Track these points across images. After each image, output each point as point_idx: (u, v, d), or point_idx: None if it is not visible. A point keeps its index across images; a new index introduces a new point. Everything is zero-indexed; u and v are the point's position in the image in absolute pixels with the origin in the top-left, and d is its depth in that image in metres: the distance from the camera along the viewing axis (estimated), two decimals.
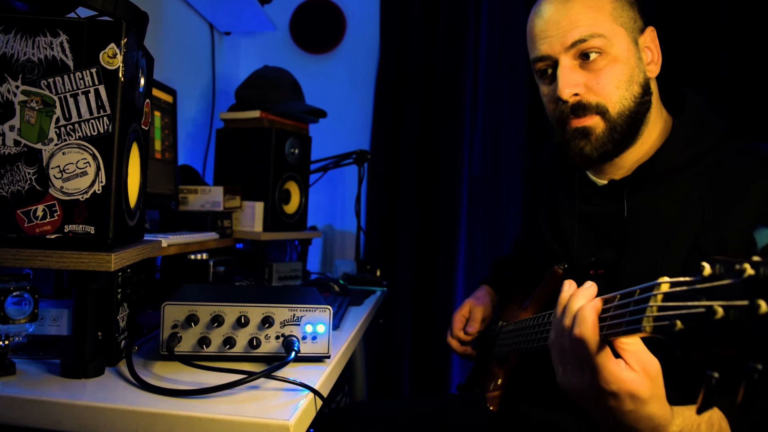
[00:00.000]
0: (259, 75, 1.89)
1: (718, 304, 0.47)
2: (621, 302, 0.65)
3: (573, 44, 0.94)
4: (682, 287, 0.53)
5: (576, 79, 0.95)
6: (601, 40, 0.93)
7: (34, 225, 0.76)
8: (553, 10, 0.96)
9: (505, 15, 2.27)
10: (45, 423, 0.71)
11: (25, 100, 0.76)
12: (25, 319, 0.80)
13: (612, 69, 0.94)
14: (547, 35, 0.96)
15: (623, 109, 0.94)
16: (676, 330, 0.51)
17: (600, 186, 1.03)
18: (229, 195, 1.62)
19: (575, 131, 0.97)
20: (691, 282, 0.52)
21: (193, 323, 0.87)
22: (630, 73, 0.94)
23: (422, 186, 2.35)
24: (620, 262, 0.95)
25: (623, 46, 0.94)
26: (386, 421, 1.26)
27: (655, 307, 0.57)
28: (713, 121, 0.96)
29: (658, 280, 0.58)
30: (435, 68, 2.34)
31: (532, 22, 1.00)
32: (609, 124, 0.95)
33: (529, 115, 2.24)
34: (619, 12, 0.95)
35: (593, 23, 0.93)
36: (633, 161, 0.99)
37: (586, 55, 0.94)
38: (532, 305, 1.10)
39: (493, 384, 1.16)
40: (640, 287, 0.62)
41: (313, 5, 2.51)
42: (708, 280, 0.49)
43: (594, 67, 0.94)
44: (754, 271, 0.44)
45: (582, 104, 0.95)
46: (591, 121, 0.95)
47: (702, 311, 0.48)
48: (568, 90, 0.94)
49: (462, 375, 2.29)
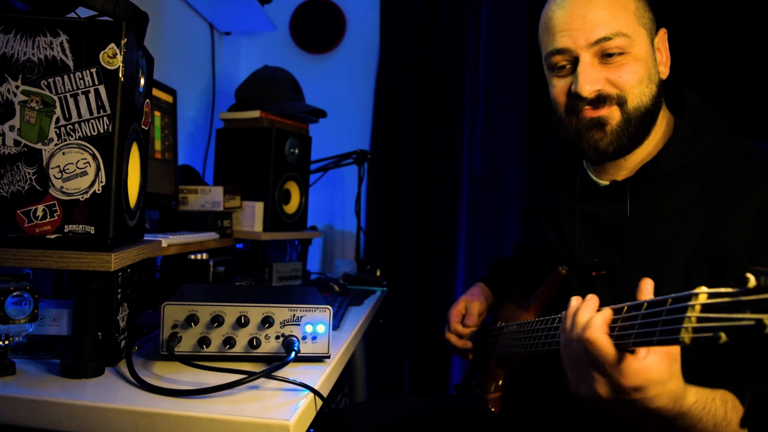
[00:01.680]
0: (259, 75, 1.89)
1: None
2: (651, 310, 0.64)
3: (597, 41, 0.92)
4: (723, 298, 0.53)
5: (597, 76, 0.93)
6: (625, 39, 0.92)
7: (34, 225, 0.76)
8: (578, 3, 0.94)
9: (504, 15, 2.27)
10: (45, 423, 0.71)
11: (25, 100, 0.76)
12: (25, 319, 0.80)
13: (633, 67, 0.93)
14: (570, 28, 0.93)
15: (641, 104, 0.93)
16: (721, 343, 0.50)
17: (602, 187, 1.02)
18: (229, 195, 1.62)
19: (590, 121, 0.95)
20: (735, 293, 0.51)
21: (193, 323, 0.87)
22: (648, 73, 0.94)
23: (422, 186, 2.35)
24: (622, 263, 0.95)
25: (644, 47, 0.94)
26: (386, 421, 1.26)
27: (694, 318, 0.56)
28: (714, 121, 0.96)
29: (695, 291, 0.57)
30: (435, 68, 2.34)
31: (552, 12, 0.97)
32: (625, 116, 0.93)
33: (529, 114, 2.24)
34: (642, 12, 0.94)
35: (619, 22, 0.92)
36: (636, 162, 0.98)
37: (607, 54, 0.92)
38: (535, 306, 1.10)
39: (493, 385, 1.16)
40: (672, 296, 0.61)
41: (313, 5, 2.51)
42: (753, 291, 0.48)
43: (616, 64, 0.93)
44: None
45: (602, 96, 0.93)
46: (607, 111, 0.94)
47: (751, 324, 0.47)
48: (590, 87, 0.93)
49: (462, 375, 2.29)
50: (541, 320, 0.99)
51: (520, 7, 2.24)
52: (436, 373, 2.32)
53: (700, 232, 0.88)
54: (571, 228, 1.05)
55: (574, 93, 0.94)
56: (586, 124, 0.95)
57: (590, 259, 0.99)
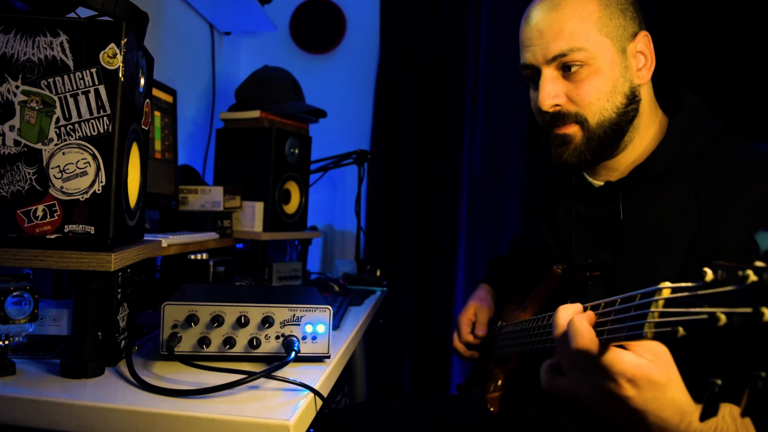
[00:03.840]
0: (259, 75, 1.89)
1: (720, 310, 0.46)
2: (622, 306, 0.64)
3: (554, 58, 0.94)
4: (683, 293, 0.53)
5: (557, 90, 0.95)
6: (582, 53, 0.92)
7: (34, 225, 0.76)
8: (539, 17, 0.96)
9: (505, 15, 2.27)
10: (45, 423, 0.71)
11: (25, 100, 0.76)
12: (25, 319, 0.80)
13: (594, 80, 0.93)
14: (532, 44, 0.96)
15: (603, 120, 0.94)
16: (679, 336, 0.51)
17: (596, 188, 1.03)
18: (229, 195, 1.62)
19: (555, 138, 0.98)
20: (693, 288, 0.51)
21: (193, 323, 0.87)
22: (613, 84, 0.94)
23: (422, 186, 2.35)
24: (617, 263, 0.95)
25: (607, 58, 0.93)
26: (386, 421, 1.26)
27: (656, 313, 0.57)
28: (708, 120, 0.96)
29: (659, 285, 0.58)
30: (435, 68, 2.34)
31: (521, 27, 1.00)
32: (587, 133, 0.95)
33: (529, 115, 2.24)
34: (606, 21, 0.93)
35: (576, 35, 0.92)
36: (628, 163, 0.99)
37: (567, 67, 0.94)
38: (532, 306, 1.10)
39: (493, 385, 1.16)
40: (640, 292, 0.61)
41: (313, 5, 2.51)
42: (710, 285, 0.49)
43: (576, 78, 0.94)
44: (757, 278, 0.44)
45: (561, 114, 0.96)
46: (570, 130, 0.96)
47: (705, 318, 0.48)
48: (548, 101, 0.95)
49: (462, 375, 2.29)
50: (535, 318, 1.00)
51: (520, 7, 2.23)
52: (436, 373, 2.32)
53: (693, 232, 0.88)
54: (566, 228, 1.06)
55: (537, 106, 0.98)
56: (552, 140, 0.99)
57: (585, 260, 1.00)
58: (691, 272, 0.87)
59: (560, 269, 1.04)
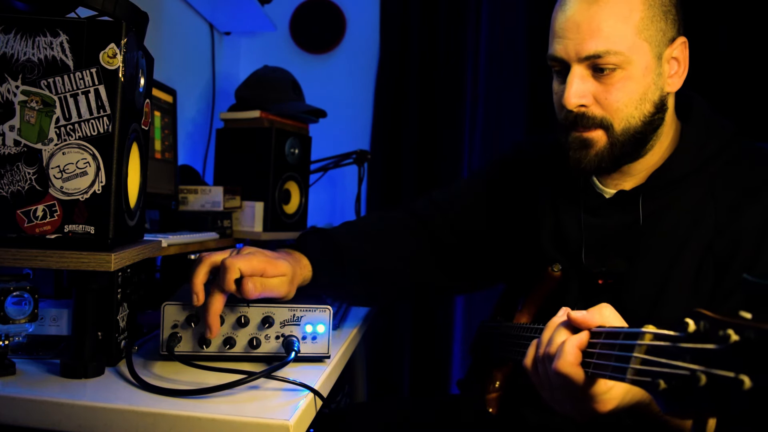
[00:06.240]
0: (259, 75, 1.89)
1: (702, 370, 0.43)
2: (607, 341, 0.62)
3: (587, 57, 0.89)
4: (665, 341, 0.51)
5: (585, 90, 0.90)
6: (618, 57, 0.87)
7: (34, 225, 0.76)
8: (577, 8, 0.89)
9: (505, 15, 2.27)
10: (45, 423, 0.71)
11: (25, 100, 0.76)
12: (25, 319, 0.80)
13: (625, 85, 0.89)
14: (565, 36, 0.90)
15: (628, 127, 0.91)
16: (660, 389, 0.48)
17: (608, 197, 1.00)
18: (229, 195, 1.62)
19: (576, 140, 0.94)
20: (675, 338, 0.49)
21: (193, 323, 0.87)
22: (644, 91, 0.90)
23: (422, 186, 2.35)
24: (630, 270, 0.94)
25: (642, 63, 0.89)
26: (386, 421, 1.26)
27: (638, 359, 0.54)
28: (719, 123, 0.96)
29: (642, 329, 0.55)
30: (435, 68, 2.34)
31: (555, 13, 0.93)
32: (611, 140, 0.92)
33: (529, 115, 2.24)
34: (647, 23, 0.88)
35: (614, 37, 0.87)
36: (644, 170, 0.97)
37: (599, 68, 0.89)
38: (527, 308, 1.09)
39: (491, 386, 1.15)
40: (624, 331, 0.59)
41: (313, 5, 2.51)
42: (693, 337, 0.46)
43: (607, 81, 0.89)
44: (738, 337, 0.41)
45: (586, 116, 0.91)
46: (593, 134, 0.92)
47: (687, 374, 0.45)
48: (574, 100, 0.90)
49: (462, 375, 2.29)
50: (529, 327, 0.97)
51: (520, 7, 2.24)
52: (436, 373, 2.32)
53: (710, 235, 0.87)
54: (575, 237, 1.02)
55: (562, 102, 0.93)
56: (572, 142, 0.94)
57: (599, 268, 0.97)
58: (706, 275, 0.87)
59: (558, 271, 1.02)
